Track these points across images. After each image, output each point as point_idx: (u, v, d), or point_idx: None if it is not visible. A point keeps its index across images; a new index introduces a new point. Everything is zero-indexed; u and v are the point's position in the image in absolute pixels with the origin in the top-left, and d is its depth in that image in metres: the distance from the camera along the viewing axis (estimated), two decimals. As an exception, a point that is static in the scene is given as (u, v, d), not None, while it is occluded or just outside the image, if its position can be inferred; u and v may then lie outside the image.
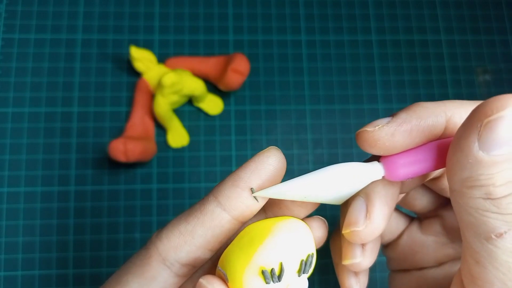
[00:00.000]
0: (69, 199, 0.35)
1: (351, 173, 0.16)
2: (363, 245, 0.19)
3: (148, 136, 0.35)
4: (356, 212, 0.17)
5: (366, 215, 0.17)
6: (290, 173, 0.37)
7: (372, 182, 0.17)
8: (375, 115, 0.38)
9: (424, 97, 0.39)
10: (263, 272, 0.15)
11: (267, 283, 0.15)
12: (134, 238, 0.35)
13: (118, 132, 0.36)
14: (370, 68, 0.39)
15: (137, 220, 0.35)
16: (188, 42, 0.39)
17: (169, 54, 0.38)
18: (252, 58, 0.38)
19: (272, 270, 0.15)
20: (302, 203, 0.18)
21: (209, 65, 0.37)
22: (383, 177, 0.17)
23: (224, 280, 0.16)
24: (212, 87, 0.38)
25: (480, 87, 0.39)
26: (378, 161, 0.17)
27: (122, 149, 0.32)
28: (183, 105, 0.37)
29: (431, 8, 0.41)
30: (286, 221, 0.17)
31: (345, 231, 0.18)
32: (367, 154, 0.40)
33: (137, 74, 0.37)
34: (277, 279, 0.15)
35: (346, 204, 0.19)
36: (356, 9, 0.41)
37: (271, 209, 0.19)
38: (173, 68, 0.36)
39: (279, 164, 0.17)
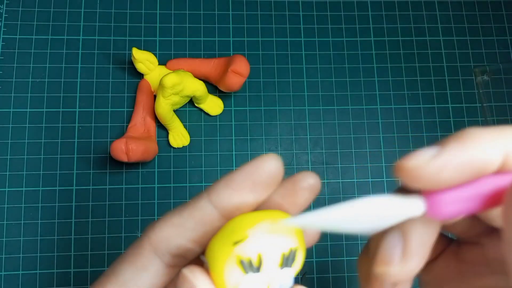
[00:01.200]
0: (70, 199, 0.35)
1: (389, 208, 0.15)
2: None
3: (150, 136, 0.35)
4: (391, 249, 0.16)
5: (402, 254, 0.16)
6: (290, 172, 0.37)
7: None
8: (374, 115, 0.39)
9: (423, 97, 0.39)
10: (241, 262, 0.15)
11: (245, 272, 0.15)
12: (136, 237, 0.35)
13: (120, 132, 0.36)
14: (369, 68, 0.39)
15: (139, 219, 0.35)
16: (189, 43, 0.39)
17: (170, 55, 0.38)
18: (252, 59, 0.38)
19: (250, 260, 0.15)
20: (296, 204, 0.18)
21: (210, 66, 0.37)
22: (424, 213, 0.16)
23: (207, 269, 0.16)
24: (213, 88, 0.38)
25: (479, 87, 0.40)
26: (420, 195, 0.16)
27: (124, 149, 0.32)
28: (184, 105, 0.37)
29: (430, 9, 0.41)
30: (271, 214, 0.17)
31: (377, 268, 0.17)
32: (366, 155, 0.40)
33: (139, 75, 0.37)
34: (256, 270, 0.15)
35: (379, 234, 0.18)
36: (355, 10, 0.41)
37: (261, 206, 0.19)
38: (174, 69, 0.37)
39: (274, 171, 0.17)
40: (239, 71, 0.35)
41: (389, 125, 0.38)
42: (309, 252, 0.36)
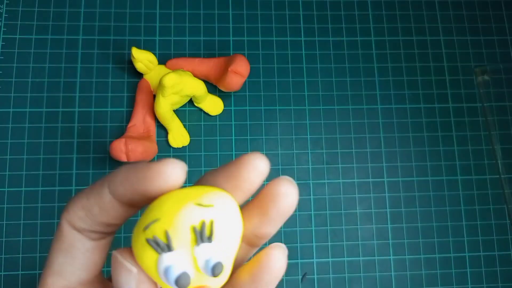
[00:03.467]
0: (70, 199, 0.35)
1: None
2: None
3: (149, 136, 0.35)
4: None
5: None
6: (290, 172, 0.37)
7: None
8: (375, 115, 0.38)
9: (423, 97, 0.39)
10: (148, 242, 0.15)
11: (158, 254, 0.15)
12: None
13: (119, 132, 0.36)
14: (369, 68, 0.39)
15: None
16: (188, 43, 0.39)
17: (170, 55, 0.38)
18: (252, 59, 0.38)
19: (155, 238, 0.15)
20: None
21: (210, 66, 0.37)
22: None
23: None
24: (213, 87, 0.38)
25: (480, 87, 0.40)
26: None
27: (124, 149, 0.32)
28: (184, 105, 0.37)
29: (430, 9, 0.41)
30: (186, 189, 0.16)
31: None
32: (367, 155, 0.40)
33: (138, 75, 0.37)
34: (166, 249, 0.15)
35: None
36: (355, 10, 0.41)
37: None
38: (174, 69, 0.37)
39: (174, 177, 0.16)
40: (239, 71, 0.35)
41: (390, 125, 0.38)
42: (309, 253, 0.36)
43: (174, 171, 0.16)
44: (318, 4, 0.40)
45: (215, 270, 0.15)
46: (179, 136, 0.36)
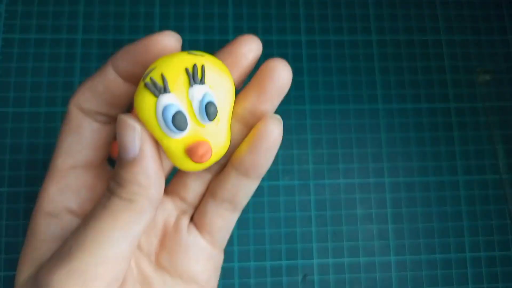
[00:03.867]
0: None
1: None
2: None
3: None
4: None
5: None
6: (290, 173, 0.37)
7: None
8: (375, 115, 0.38)
9: (423, 97, 0.39)
10: (146, 86, 0.16)
11: (155, 96, 0.16)
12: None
13: (119, 132, 0.36)
14: (370, 68, 0.39)
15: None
16: (188, 42, 0.39)
17: (170, 54, 0.38)
18: (252, 58, 0.38)
19: (152, 80, 0.16)
20: None
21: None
22: None
23: None
24: (213, 87, 0.38)
25: (481, 87, 0.39)
26: None
27: (123, 149, 0.32)
28: (184, 105, 0.37)
29: (431, 8, 0.41)
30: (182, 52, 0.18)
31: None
32: (367, 155, 0.40)
33: (137, 74, 0.37)
34: (162, 90, 0.16)
35: None
36: (356, 9, 0.41)
37: None
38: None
39: (170, 46, 0.18)
40: (239, 71, 0.34)
41: (391, 125, 0.38)
42: (309, 254, 0.35)
43: (170, 40, 0.18)
44: (318, 3, 0.40)
45: (208, 109, 0.17)
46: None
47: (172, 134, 0.17)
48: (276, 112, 0.38)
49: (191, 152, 0.17)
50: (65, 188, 0.19)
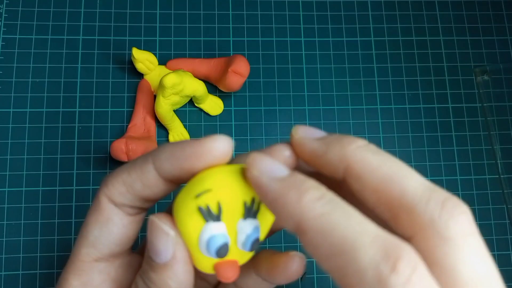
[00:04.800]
0: (70, 199, 0.35)
1: None
2: None
3: (150, 136, 0.35)
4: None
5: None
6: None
7: None
8: (374, 115, 0.39)
9: (423, 97, 0.39)
10: (199, 209, 0.16)
11: (205, 221, 0.16)
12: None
13: (120, 132, 0.36)
14: (369, 68, 0.39)
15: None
16: (188, 43, 0.39)
17: (170, 55, 0.38)
18: (252, 59, 0.38)
19: (207, 207, 0.16)
20: None
21: (210, 66, 0.37)
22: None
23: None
24: (213, 88, 0.38)
25: (479, 87, 0.40)
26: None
27: (124, 149, 0.32)
28: (184, 105, 0.37)
29: (430, 9, 0.41)
30: (235, 165, 0.17)
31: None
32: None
33: (139, 75, 0.37)
34: (215, 218, 0.16)
35: None
36: (355, 10, 0.41)
37: None
38: (174, 69, 0.37)
39: (223, 152, 0.17)
40: (239, 71, 0.35)
41: (389, 125, 0.38)
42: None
43: (223, 148, 0.17)
44: (318, 5, 0.40)
45: (253, 246, 0.17)
46: (179, 136, 0.36)
47: (208, 254, 0.16)
48: (276, 112, 0.38)
49: (219, 271, 0.17)
50: (88, 282, 0.19)
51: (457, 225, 0.14)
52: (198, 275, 0.19)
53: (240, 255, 0.17)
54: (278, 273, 0.19)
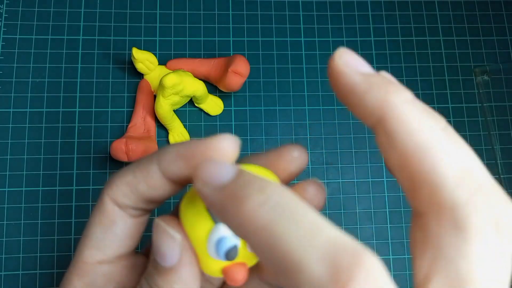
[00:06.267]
0: (70, 199, 0.35)
1: None
2: None
3: (150, 136, 0.35)
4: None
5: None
6: (290, 173, 0.37)
7: None
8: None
9: (423, 97, 0.39)
10: (209, 210, 0.16)
11: (214, 222, 0.16)
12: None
13: (120, 132, 0.36)
14: (369, 68, 0.39)
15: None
16: (188, 43, 0.39)
17: (170, 55, 0.38)
18: (252, 59, 0.38)
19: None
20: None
21: (210, 66, 0.37)
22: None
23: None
24: (213, 88, 0.38)
25: (479, 87, 0.40)
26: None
27: (124, 149, 0.32)
28: (184, 105, 0.37)
29: (430, 9, 0.41)
30: (244, 166, 0.16)
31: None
32: (366, 155, 0.40)
33: (139, 75, 0.37)
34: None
35: None
36: (355, 10, 0.41)
37: None
38: (174, 69, 0.37)
39: (229, 152, 0.16)
40: (239, 71, 0.35)
41: (389, 125, 0.38)
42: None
43: (230, 147, 0.16)
44: (318, 5, 0.40)
45: None
46: (179, 136, 0.36)
47: (216, 257, 0.16)
48: (276, 112, 0.38)
49: (228, 275, 0.16)
50: (91, 284, 0.18)
51: (480, 220, 0.12)
52: (203, 276, 0.18)
53: (248, 258, 0.17)
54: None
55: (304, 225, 0.12)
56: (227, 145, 0.16)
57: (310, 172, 0.37)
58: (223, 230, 0.16)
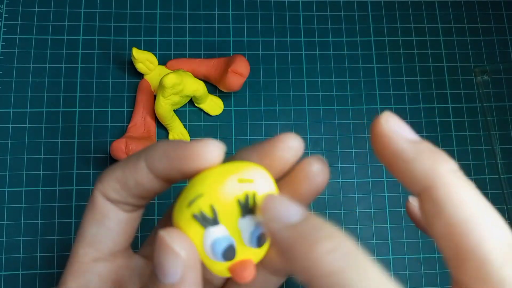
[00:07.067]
0: (70, 199, 0.35)
1: None
2: None
3: (150, 136, 0.35)
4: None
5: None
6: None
7: None
8: (374, 115, 0.38)
9: (423, 97, 0.39)
10: (194, 217, 0.15)
11: (203, 228, 0.15)
12: (135, 236, 0.35)
13: (120, 132, 0.36)
14: (369, 68, 0.39)
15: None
16: (189, 43, 0.39)
17: (170, 55, 0.38)
18: (252, 59, 0.38)
19: (201, 213, 0.15)
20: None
21: (210, 66, 0.37)
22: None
23: None
24: (213, 88, 0.38)
25: (479, 87, 0.40)
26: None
27: (124, 149, 0.32)
28: (184, 105, 0.37)
29: (430, 9, 0.41)
30: (227, 164, 0.16)
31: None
32: (366, 155, 0.40)
33: (138, 75, 0.37)
34: (212, 222, 0.15)
35: None
36: (355, 11, 0.41)
37: None
38: (174, 69, 0.37)
39: (213, 157, 0.16)
40: (239, 71, 0.35)
41: (389, 125, 0.38)
42: (309, 252, 0.36)
43: (213, 152, 0.16)
44: (318, 5, 0.40)
45: (260, 241, 0.16)
46: (179, 136, 0.36)
47: (217, 259, 0.16)
48: (276, 112, 0.38)
49: (234, 272, 0.16)
50: (86, 284, 0.18)
51: None
52: (204, 277, 0.18)
53: (252, 253, 0.17)
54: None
55: (372, 276, 0.12)
56: (211, 150, 0.16)
57: (310, 172, 0.37)
58: (214, 233, 0.15)
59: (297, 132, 0.38)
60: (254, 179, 0.16)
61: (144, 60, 0.35)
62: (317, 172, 0.18)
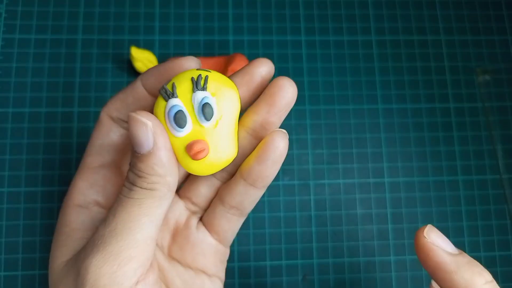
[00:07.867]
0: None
1: None
2: None
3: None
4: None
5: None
6: (290, 173, 0.37)
7: None
8: (375, 115, 0.38)
9: (423, 97, 0.39)
10: (160, 92, 0.19)
11: (165, 100, 0.19)
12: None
13: (119, 132, 0.36)
14: (369, 68, 0.39)
15: None
16: (188, 43, 0.39)
17: (169, 55, 0.38)
18: (252, 58, 0.38)
19: (164, 88, 0.19)
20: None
21: (209, 65, 0.37)
22: None
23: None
24: (212, 87, 0.38)
25: (481, 87, 0.40)
26: None
27: (123, 149, 0.32)
28: (183, 105, 0.37)
29: (430, 9, 0.41)
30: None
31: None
32: (367, 155, 0.40)
33: (137, 74, 0.37)
34: (172, 95, 0.19)
35: None
36: (356, 10, 0.41)
37: None
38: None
39: (190, 66, 0.21)
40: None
41: (390, 125, 0.38)
42: (309, 253, 0.35)
43: (191, 63, 0.21)
44: (318, 4, 0.40)
45: (204, 108, 0.19)
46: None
47: (176, 133, 0.19)
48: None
49: (188, 148, 0.19)
50: (93, 183, 0.22)
51: None
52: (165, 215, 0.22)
53: (207, 135, 0.19)
54: (266, 153, 0.21)
55: None
56: (190, 64, 0.21)
57: (311, 172, 0.37)
58: (172, 103, 0.19)
59: (297, 132, 0.38)
60: (212, 71, 0.20)
61: (143, 59, 0.35)
62: (287, 85, 0.20)
